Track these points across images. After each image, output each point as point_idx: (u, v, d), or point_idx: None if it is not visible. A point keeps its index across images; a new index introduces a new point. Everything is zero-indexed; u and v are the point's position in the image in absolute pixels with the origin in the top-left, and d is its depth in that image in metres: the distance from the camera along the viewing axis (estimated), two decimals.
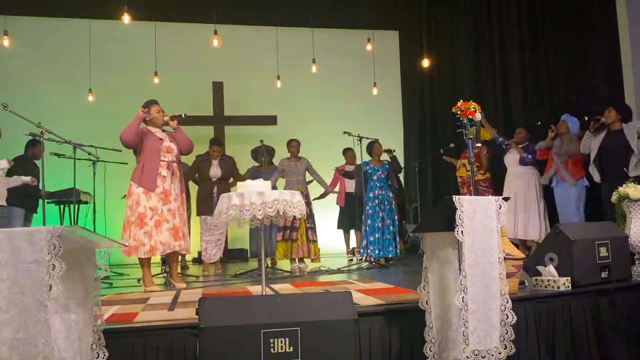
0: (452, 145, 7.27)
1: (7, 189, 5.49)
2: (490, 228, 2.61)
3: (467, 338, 2.50)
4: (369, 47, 8.16)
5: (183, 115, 4.76)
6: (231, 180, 6.39)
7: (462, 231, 2.50)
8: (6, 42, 7.55)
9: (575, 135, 5.85)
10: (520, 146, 6.29)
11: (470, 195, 3.49)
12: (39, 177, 5.80)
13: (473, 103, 3.84)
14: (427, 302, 2.77)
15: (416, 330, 2.87)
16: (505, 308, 2.61)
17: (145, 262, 4.62)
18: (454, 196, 2.53)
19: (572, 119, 5.93)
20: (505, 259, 2.71)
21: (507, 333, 2.61)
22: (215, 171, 6.21)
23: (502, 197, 2.69)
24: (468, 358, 2.50)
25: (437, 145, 8.31)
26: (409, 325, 2.96)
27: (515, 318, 2.63)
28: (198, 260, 6.56)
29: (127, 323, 2.85)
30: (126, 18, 6.41)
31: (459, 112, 3.83)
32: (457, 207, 2.51)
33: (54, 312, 2.15)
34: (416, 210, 8.42)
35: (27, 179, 5.53)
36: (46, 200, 5.13)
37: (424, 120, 9.37)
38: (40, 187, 4.88)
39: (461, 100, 3.87)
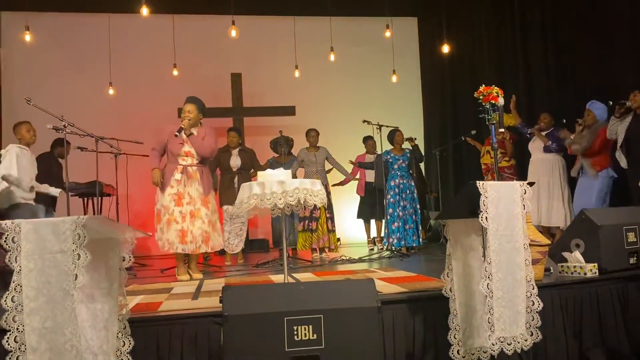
0: (473, 132, 7.18)
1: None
2: (515, 214, 2.56)
3: (493, 325, 2.47)
4: (387, 34, 8.06)
5: (175, 134, 4.68)
6: (252, 171, 6.40)
7: (486, 217, 2.46)
8: (28, 38, 7.65)
9: (603, 121, 5.65)
10: (544, 133, 6.15)
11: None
12: (61, 176, 5.88)
13: (495, 88, 3.76)
14: (450, 290, 2.74)
15: (440, 318, 2.84)
16: (531, 295, 2.57)
17: (180, 259, 4.78)
18: (477, 182, 2.49)
19: (598, 105, 5.72)
20: (530, 245, 2.67)
21: (533, 320, 2.57)
22: (235, 161, 6.24)
23: (526, 182, 2.64)
24: (494, 345, 2.47)
25: (458, 133, 8.21)
26: (432, 312, 2.94)
27: (542, 305, 2.59)
28: (220, 251, 6.61)
29: (152, 312, 2.88)
30: (145, 11, 6.43)
31: (481, 97, 3.75)
32: (481, 193, 2.47)
33: (80, 302, 2.18)
34: (436, 200, 8.35)
35: (55, 192, 5.54)
36: (70, 193, 5.21)
37: (444, 107, 9.27)
38: (64, 184, 4.97)
39: (483, 85, 3.80)
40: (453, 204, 2.79)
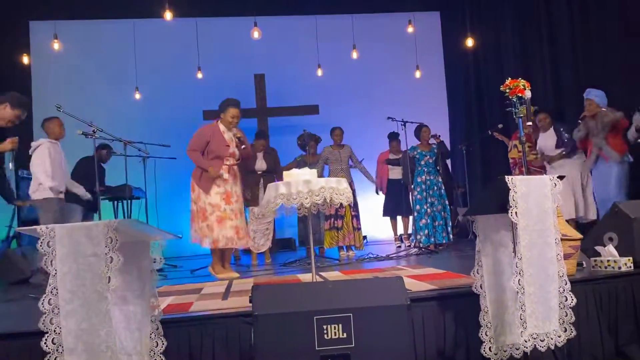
0: (500, 125, 7.07)
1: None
2: (545, 208, 2.52)
3: (525, 322, 2.44)
4: (410, 29, 8.00)
5: (242, 147, 4.88)
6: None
7: (516, 212, 2.43)
8: (56, 46, 7.84)
9: (605, 106, 5.53)
10: (546, 132, 6.10)
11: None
12: (103, 179, 6.00)
13: (522, 81, 3.70)
14: (481, 286, 2.70)
15: (471, 315, 2.81)
16: (564, 290, 2.53)
17: (214, 252, 4.80)
18: (506, 177, 2.46)
19: (596, 92, 5.58)
20: (562, 239, 2.62)
21: (566, 316, 2.53)
22: (260, 164, 6.33)
23: (557, 175, 2.60)
24: (526, 342, 2.44)
25: (484, 127, 8.10)
26: (463, 309, 2.92)
27: (575, 300, 2.54)
28: (247, 251, 6.67)
29: (183, 313, 2.92)
30: (168, 15, 6.52)
31: (507, 91, 3.70)
32: (510, 187, 2.44)
33: (113, 304, 2.21)
34: (463, 194, 8.27)
35: (85, 196, 5.64)
36: (101, 197, 5.32)
37: (469, 101, 9.16)
38: (98, 187, 5.13)
39: (509, 79, 3.74)
40: (482, 199, 2.76)
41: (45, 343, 2.13)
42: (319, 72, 8.67)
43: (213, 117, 7.57)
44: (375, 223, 8.24)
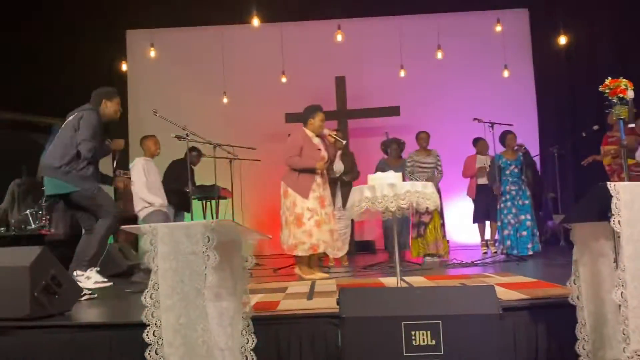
0: (595, 127, 6.68)
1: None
2: None
3: (628, 337, 2.29)
4: (498, 27, 7.74)
5: (344, 143, 5.05)
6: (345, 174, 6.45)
7: (619, 221, 2.29)
8: (152, 54, 8.30)
9: None
10: None
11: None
12: (194, 180, 6.31)
13: (624, 80, 3.48)
14: (578, 297, 2.58)
15: (565, 327, 2.68)
16: None
17: (303, 260, 4.86)
18: (608, 183, 2.33)
19: None
20: None
21: None
22: (338, 166, 6.33)
23: None
24: (629, 358, 2.29)
25: (577, 129, 7.68)
26: (557, 321, 2.79)
27: None
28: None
29: (271, 311, 3.00)
30: (255, 22, 6.71)
31: (607, 91, 3.49)
32: (612, 194, 2.30)
33: (207, 300, 2.32)
34: (554, 200, 7.88)
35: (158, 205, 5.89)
36: (192, 197, 5.59)
37: (560, 102, 8.71)
38: (189, 188, 5.51)
39: (610, 78, 3.53)
40: (580, 206, 2.62)
41: (147, 335, 2.27)
42: (402, 73, 8.59)
43: (295, 120, 7.76)
44: (459, 228, 8.04)
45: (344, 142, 4.97)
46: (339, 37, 7.19)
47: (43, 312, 2.97)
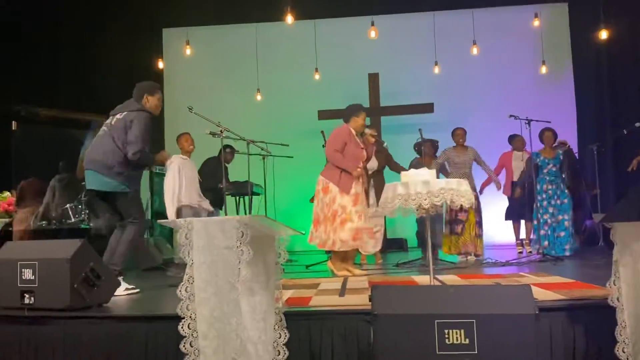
0: (638, 124, 6.46)
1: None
2: None
3: None
4: (536, 23, 7.57)
5: (384, 145, 5.21)
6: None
7: None
8: (188, 52, 8.43)
9: None
10: None
11: None
12: (227, 177, 6.39)
13: None
14: (618, 299, 2.51)
15: (604, 329, 2.61)
16: None
17: (338, 255, 4.91)
18: None
19: None
20: None
21: None
22: (372, 163, 6.29)
23: None
24: None
25: (618, 126, 7.44)
26: (595, 323, 2.72)
27: None
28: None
29: (303, 307, 3.01)
30: (289, 19, 6.73)
31: None
32: None
33: (240, 294, 2.35)
34: (593, 199, 7.66)
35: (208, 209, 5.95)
36: (225, 192, 5.66)
37: (601, 99, 8.46)
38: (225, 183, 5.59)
39: None
40: (622, 205, 2.55)
41: (182, 327, 2.31)
42: (436, 70, 8.49)
43: (328, 117, 7.76)
44: (494, 226, 7.90)
45: (385, 143, 4.97)
46: (373, 34, 7.15)
47: (82, 303, 3.06)
